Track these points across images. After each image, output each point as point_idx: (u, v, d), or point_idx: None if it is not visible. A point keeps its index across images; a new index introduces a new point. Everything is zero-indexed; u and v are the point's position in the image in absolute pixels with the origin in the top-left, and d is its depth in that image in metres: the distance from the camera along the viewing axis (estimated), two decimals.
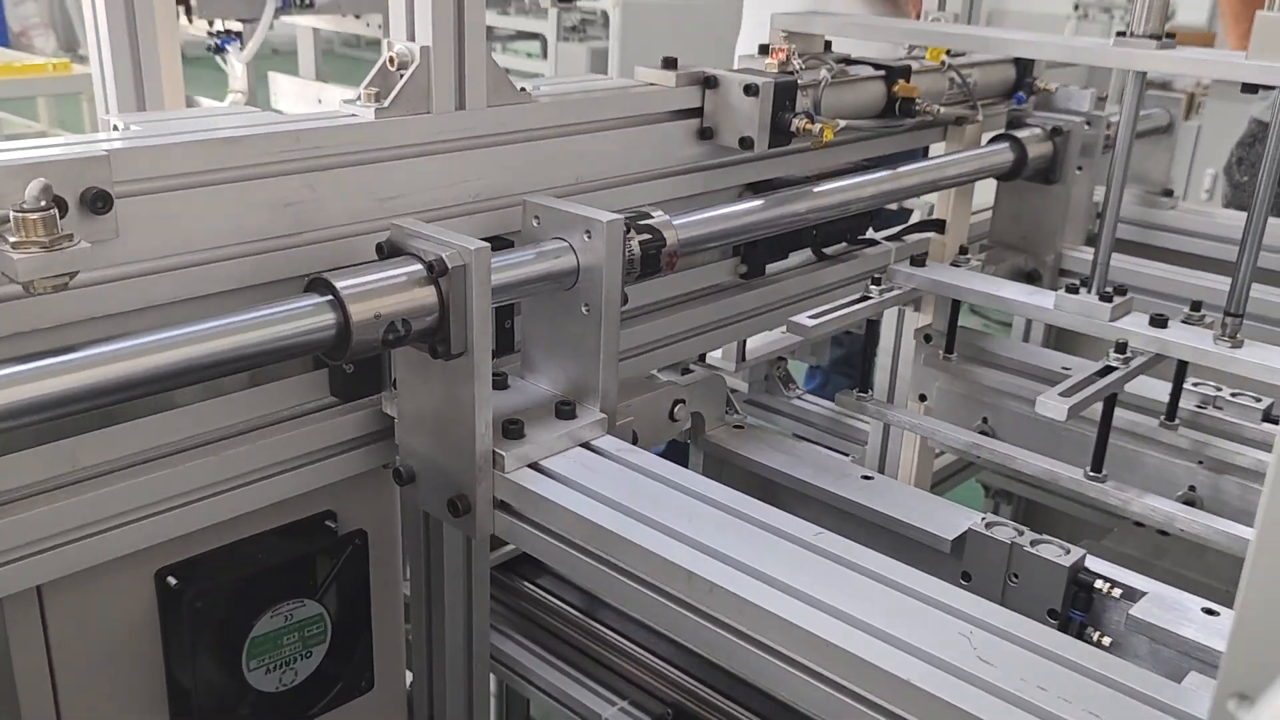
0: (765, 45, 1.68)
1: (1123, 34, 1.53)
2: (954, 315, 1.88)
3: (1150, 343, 1.51)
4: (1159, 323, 1.53)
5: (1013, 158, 1.95)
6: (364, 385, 1.32)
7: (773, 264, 1.83)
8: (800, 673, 0.97)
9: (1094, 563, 1.27)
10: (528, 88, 1.44)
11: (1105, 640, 1.22)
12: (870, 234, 2.05)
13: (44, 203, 0.92)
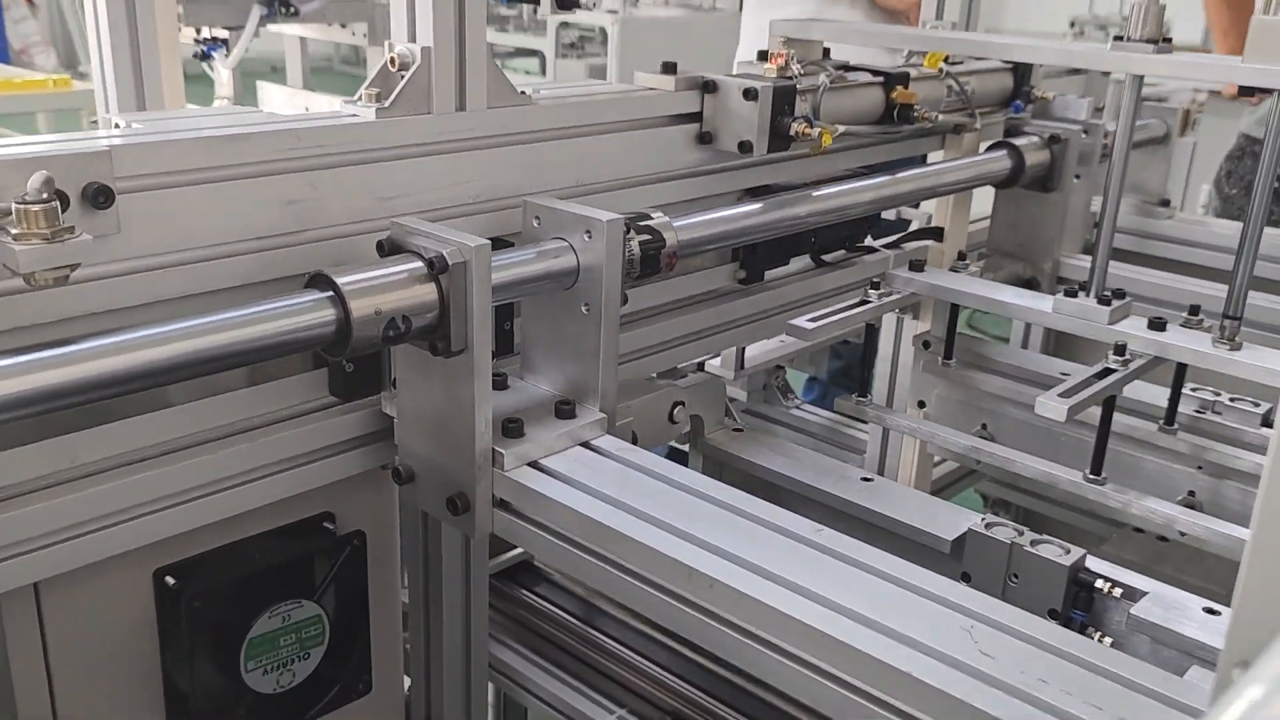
0: (764, 51, 1.68)
1: (1120, 38, 1.55)
2: (952, 321, 1.88)
3: (1149, 345, 1.52)
4: (1157, 326, 1.53)
5: (1010, 165, 1.96)
6: (363, 385, 1.32)
7: (772, 270, 1.84)
8: (801, 667, 0.97)
9: (1094, 563, 1.27)
10: (528, 91, 1.45)
11: (1106, 640, 1.22)
12: (869, 242, 2.06)
13: (46, 195, 0.92)
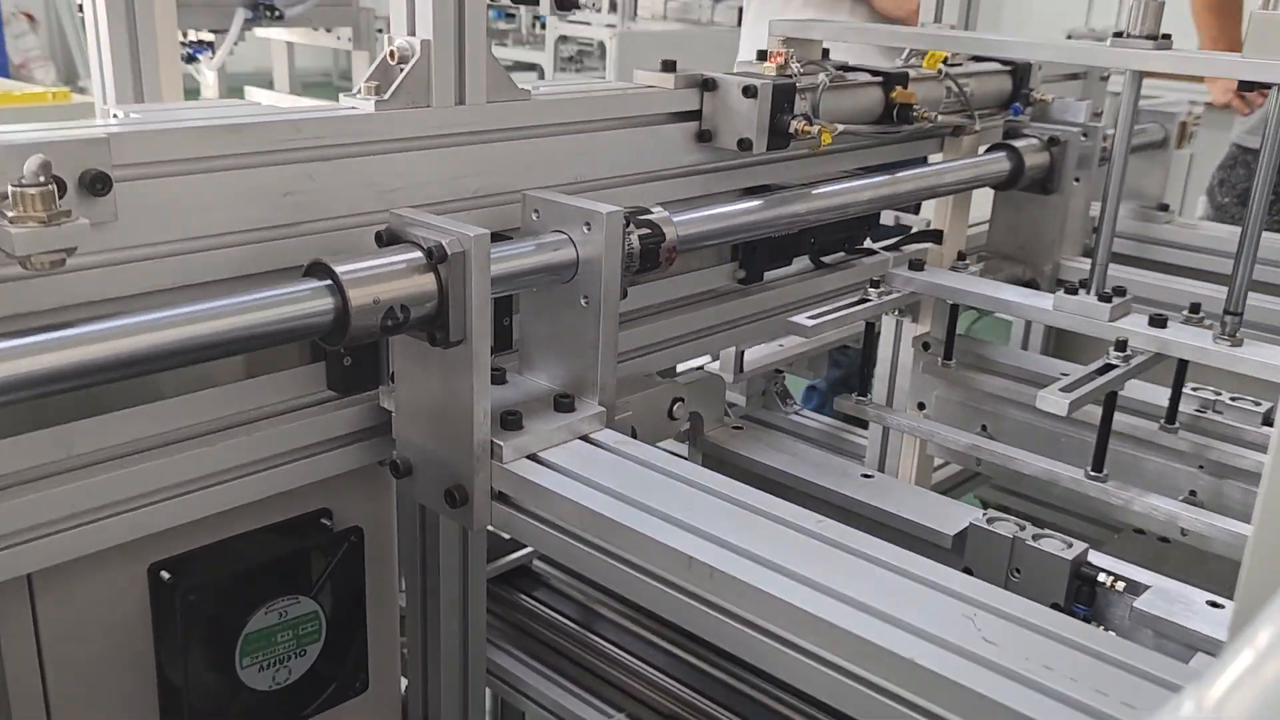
0: (763, 51, 1.68)
1: (1119, 34, 1.55)
2: (952, 322, 1.87)
3: (1150, 342, 1.51)
4: (1158, 323, 1.53)
5: (1009, 167, 1.96)
6: (361, 378, 1.31)
7: (771, 271, 1.83)
8: (803, 656, 0.96)
9: (1096, 557, 1.27)
10: (528, 88, 1.45)
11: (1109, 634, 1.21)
12: (868, 244, 2.06)
13: (42, 178, 0.92)
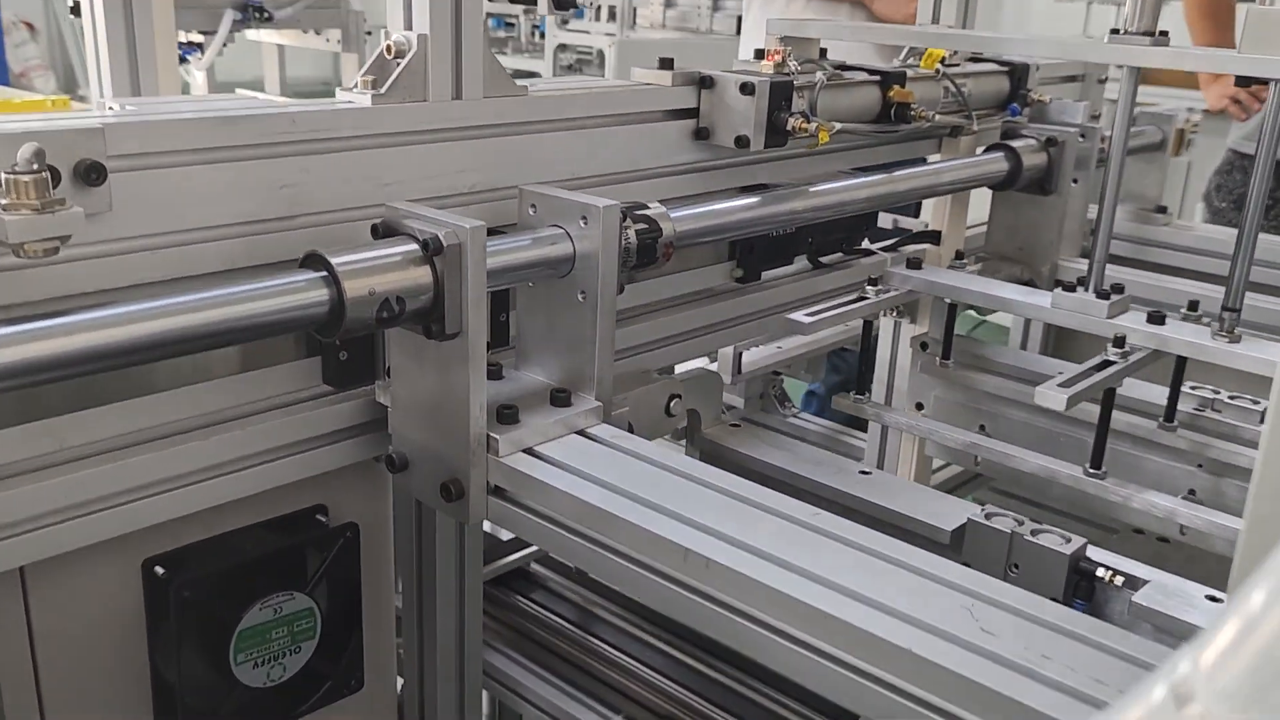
0: (761, 50, 1.68)
1: (1116, 31, 1.55)
2: (950, 322, 1.87)
3: (1148, 338, 1.51)
4: (1156, 319, 1.52)
5: (1007, 167, 1.96)
6: (357, 373, 1.30)
7: (769, 270, 1.83)
8: (799, 647, 0.96)
9: (1095, 552, 1.26)
10: (525, 84, 1.45)
11: None
12: (866, 245, 2.06)
13: (36, 166, 0.92)
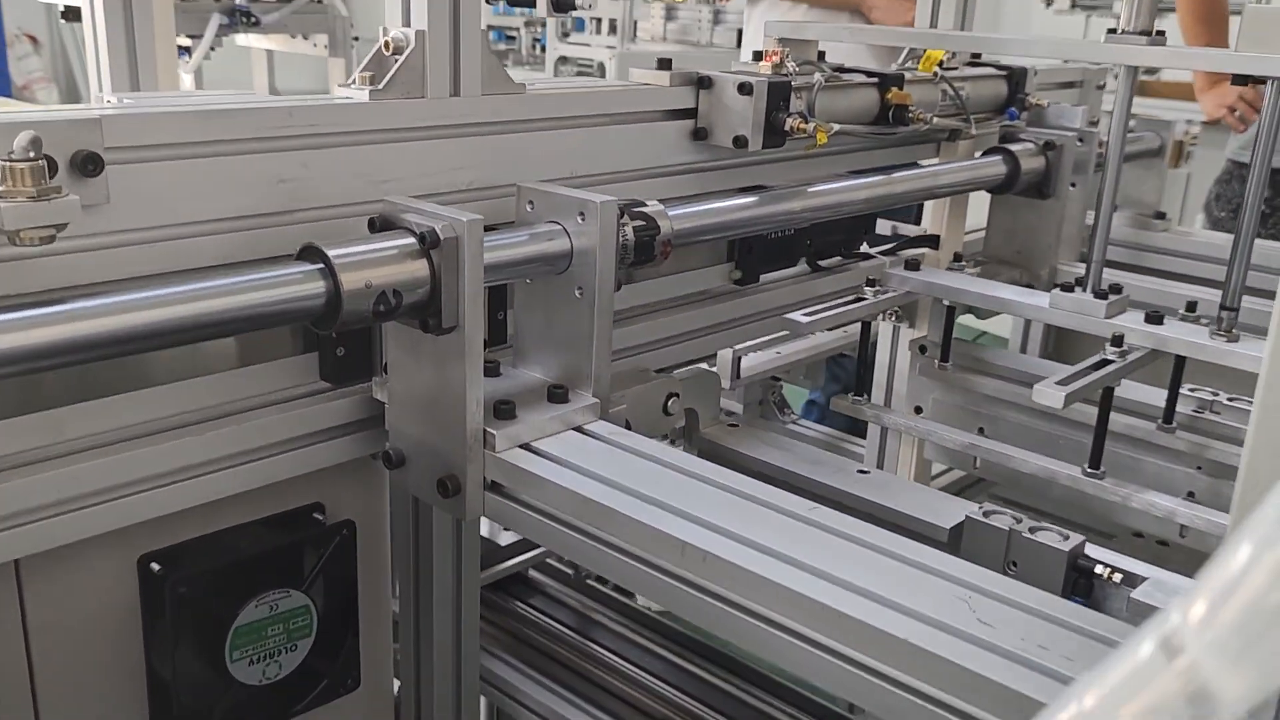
0: (759, 52, 1.69)
1: (1113, 31, 1.55)
2: (949, 324, 1.87)
3: (1146, 338, 1.51)
4: (1155, 319, 1.52)
5: (1005, 170, 1.96)
6: (354, 369, 1.30)
7: (767, 273, 1.83)
8: (797, 640, 0.95)
9: (1093, 549, 1.25)
10: (523, 82, 1.45)
11: None
12: (864, 249, 2.06)
13: (32, 154, 0.92)
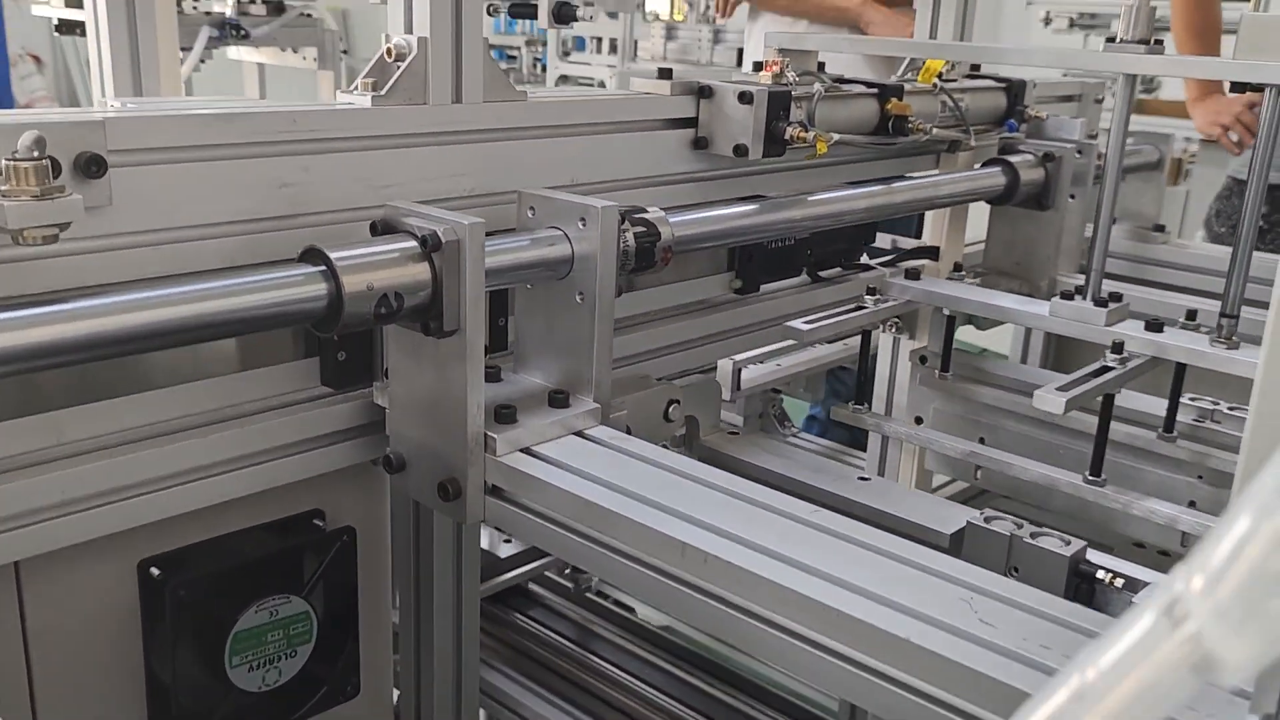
0: (759, 63, 1.69)
1: (1112, 40, 1.56)
2: (949, 334, 1.87)
3: (1146, 345, 1.51)
4: (1155, 327, 1.52)
5: (1005, 181, 1.96)
6: (356, 374, 1.30)
7: (768, 283, 1.83)
8: (798, 641, 0.95)
9: (1094, 555, 1.25)
10: (524, 89, 1.45)
11: None
12: (864, 260, 2.07)
13: (36, 153, 0.92)
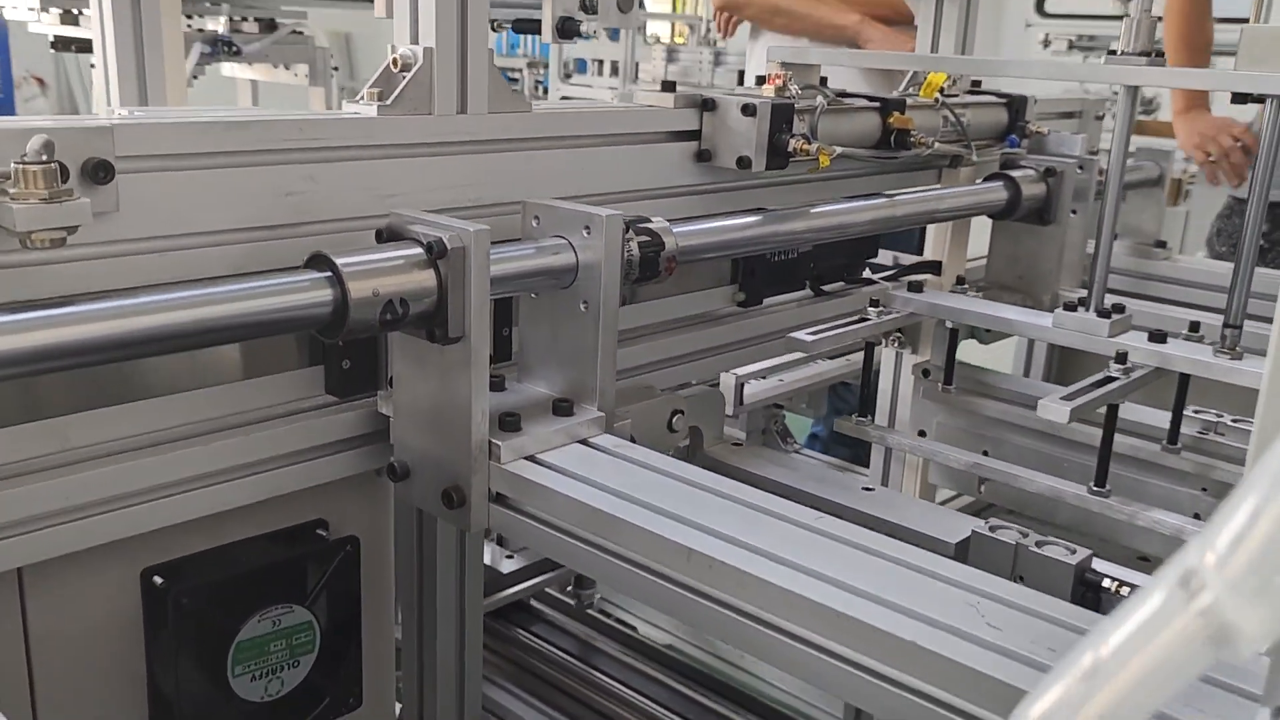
0: (762, 76, 1.70)
1: (1113, 52, 1.57)
2: (951, 347, 1.88)
3: (1150, 356, 1.51)
4: (1158, 338, 1.53)
5: (1007, 196, 1.97)
6: (360, 382, 1.30)
7: (770, 296, 1.83)
8: (805, 646, 0.95)
9: (1100, 563, 1.25)
10: (529, 100, 1.46)
11: None
12: (867, 274, 2.07)
13: (45, 157, 0.93)
